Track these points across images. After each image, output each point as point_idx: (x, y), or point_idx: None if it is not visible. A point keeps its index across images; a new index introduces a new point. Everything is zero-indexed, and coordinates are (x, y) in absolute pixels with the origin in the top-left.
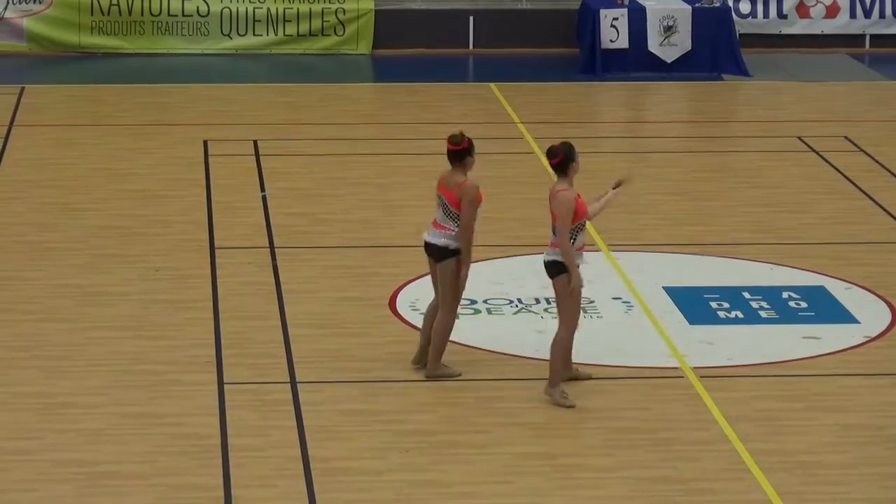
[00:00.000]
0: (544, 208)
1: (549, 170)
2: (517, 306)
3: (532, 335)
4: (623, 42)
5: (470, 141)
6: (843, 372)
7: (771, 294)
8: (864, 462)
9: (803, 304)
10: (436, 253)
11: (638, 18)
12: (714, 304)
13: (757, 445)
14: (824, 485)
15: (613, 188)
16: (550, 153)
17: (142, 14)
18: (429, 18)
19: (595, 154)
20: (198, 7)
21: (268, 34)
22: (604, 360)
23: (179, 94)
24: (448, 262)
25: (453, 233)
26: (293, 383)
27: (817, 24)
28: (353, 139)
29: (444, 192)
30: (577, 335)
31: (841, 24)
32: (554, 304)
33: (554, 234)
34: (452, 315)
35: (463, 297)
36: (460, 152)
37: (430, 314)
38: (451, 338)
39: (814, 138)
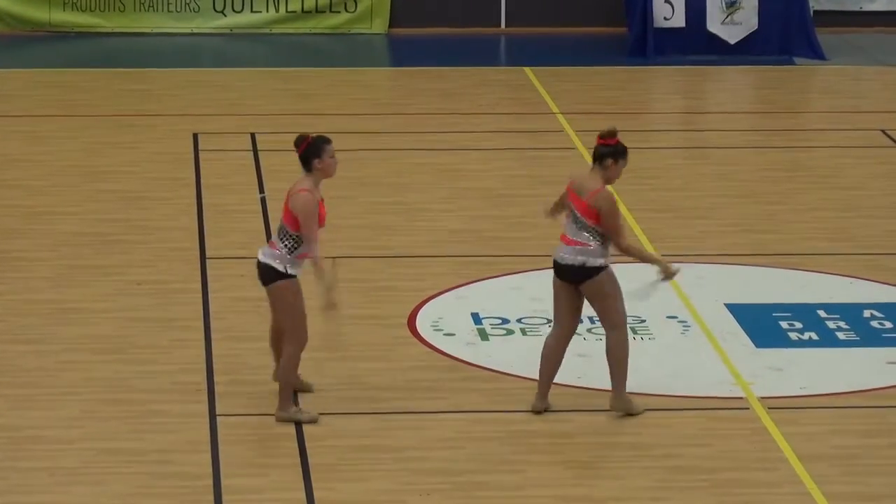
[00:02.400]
0: None
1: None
2: None
3: (573, 359)
4: (679, 20)
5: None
6: None
7: (850, 312)
8: None
9: (888, 325)
10: (571, 274)
11: None
12: (784, 325)
13: (835, 488)
14: None
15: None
16: (296, 142)
17: None
18: None
19: (646, 150)
20: None
21: (268, 10)
22: (656, 388)
23: (165, 80)
24: (592, 281)
25: (591, 247)
26: None
27: None
28: (367, 132)
29: (574, 199)
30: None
31: None
32: (598, 324)
33: (278, 235)
34: (625, 332)
35: (494, 315)
36: (611, 151)
37: (551, 351)
38: (479, 363)
39: None
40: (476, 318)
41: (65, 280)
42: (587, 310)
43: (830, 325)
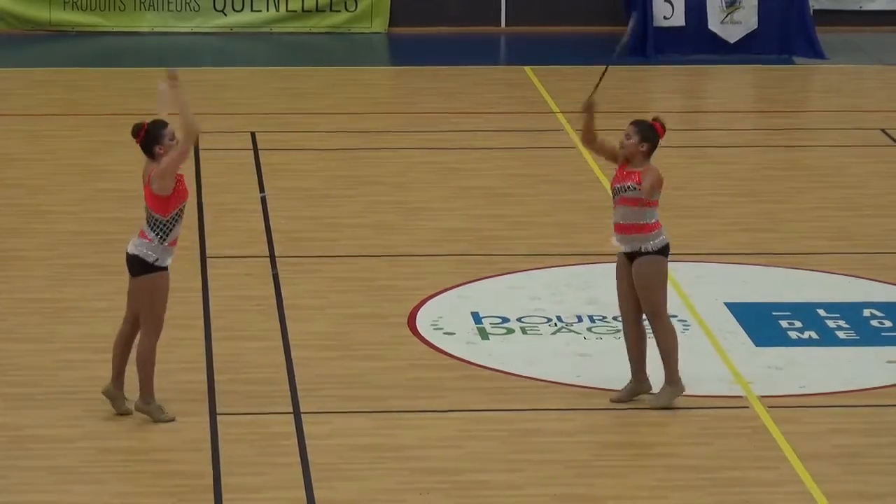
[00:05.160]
0: (587, 211)
1: (593, 166)
2: (556, 325)
3: (573, 358)
4: (679, 19)
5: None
6: None
7: (850, 311)
8: None
9: (887, 324)
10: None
11: None
12: (784, 323)
13: (834, 487)
14: None
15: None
16: (133, 132)
17: None
18: None
19: None
20: None
21: (268, 10)
22: (656, 387)
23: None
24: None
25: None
26: (296, 414)
27: None
28: (367, 131)
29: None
30: (625, 358)
31: None
32: (599, 323)
33: (147, 224)
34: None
35: (494, 314)
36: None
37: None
38: (479, 362)
39: None
40: (476, 318)
41: (64, 279)
42: (587, 309)
43: (830, 323)
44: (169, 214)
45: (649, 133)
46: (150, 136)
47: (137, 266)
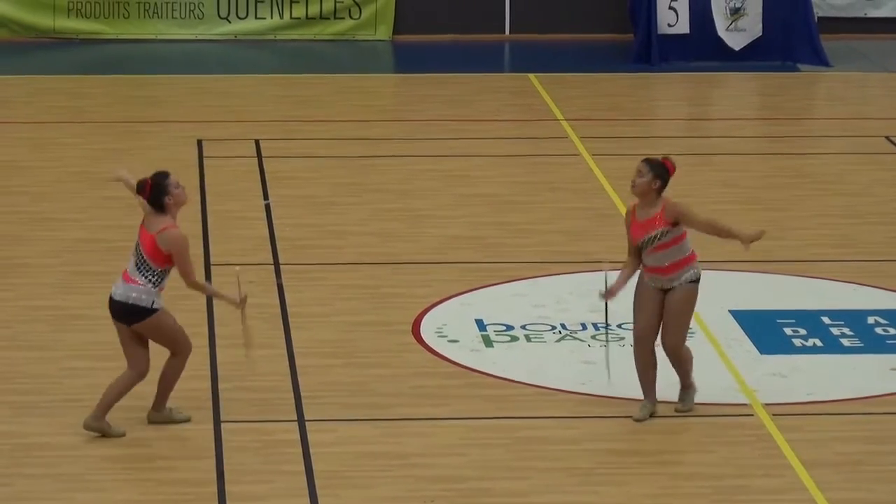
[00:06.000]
0: (591, 219)
1: (598, 173)
2: (560, 333)
3: (578, 366)
4: (683, 26)
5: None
6: None
7: (855, 319)
8: None
9: (892, 331)
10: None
11: None
12: (789, 331)
13: (839, 494)
14: None
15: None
16: (138, 189)
17: None
18: None
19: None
20: None
21: (272, 17)
22: (661, 395)
23: (170, 87)
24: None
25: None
26: (301, 422)
27: None
28: (371, 139)
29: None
30: (630, 366)
31: None
32: (604, 330)
33: (138, 270)
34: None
35: (499, 322)
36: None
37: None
38: (483, 369)
39: None
40: (480, 325)
41: (69, 286)
42: (591, 316)
43: (835, 331)
44: (162, 266)
45: (661, 171)
46: (156, 190)
47: (133, 315)
